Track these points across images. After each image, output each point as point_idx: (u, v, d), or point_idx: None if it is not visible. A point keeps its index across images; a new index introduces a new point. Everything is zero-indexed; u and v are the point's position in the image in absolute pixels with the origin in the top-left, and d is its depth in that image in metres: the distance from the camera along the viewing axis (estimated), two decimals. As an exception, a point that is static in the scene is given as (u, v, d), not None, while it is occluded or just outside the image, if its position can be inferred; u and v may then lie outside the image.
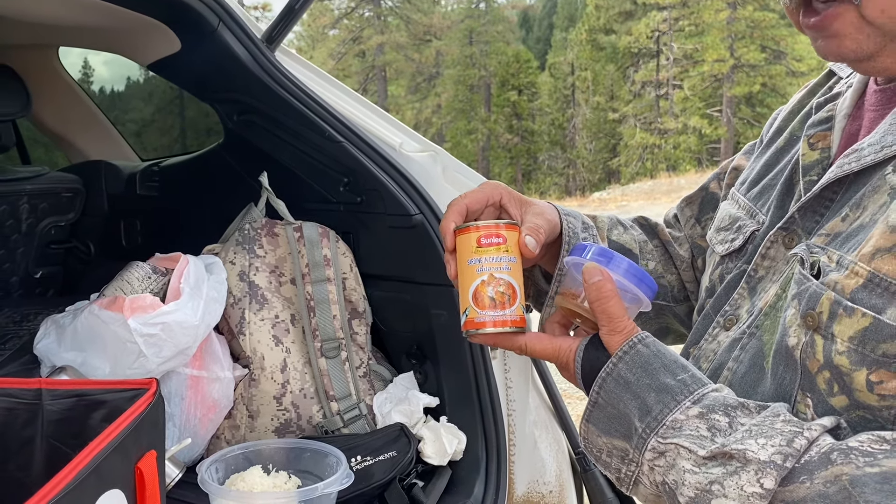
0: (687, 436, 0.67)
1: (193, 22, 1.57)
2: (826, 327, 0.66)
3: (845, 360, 0.64)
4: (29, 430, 0.96)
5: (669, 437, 0.67)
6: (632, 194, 17.81)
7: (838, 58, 0.73)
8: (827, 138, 0.80)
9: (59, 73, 2.38)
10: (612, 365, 0.72)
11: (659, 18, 26.28)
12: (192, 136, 3.53)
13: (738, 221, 0.88)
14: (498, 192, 0.90)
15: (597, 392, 0.73)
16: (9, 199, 1.95)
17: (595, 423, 0.73)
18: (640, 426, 0.69)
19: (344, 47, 29.98)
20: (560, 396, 1.65)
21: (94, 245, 2.22)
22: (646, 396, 0.70)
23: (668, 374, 0.70)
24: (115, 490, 0.79)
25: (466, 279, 0.82)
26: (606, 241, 1.01)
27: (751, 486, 0.62)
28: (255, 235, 1.57)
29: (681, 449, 0.67)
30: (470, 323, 0.81)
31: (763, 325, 0.76)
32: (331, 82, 1.70)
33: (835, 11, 0.69)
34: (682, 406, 0.68)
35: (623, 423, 0.71)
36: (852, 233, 0.68)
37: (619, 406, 0.71)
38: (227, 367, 1.45)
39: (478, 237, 0.82)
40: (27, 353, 1.48)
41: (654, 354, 0.72)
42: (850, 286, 0.65)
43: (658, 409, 0.69)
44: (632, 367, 0.71)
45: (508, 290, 0.80)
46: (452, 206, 0.87)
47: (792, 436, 0.63)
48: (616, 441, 0.72)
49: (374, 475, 1.34)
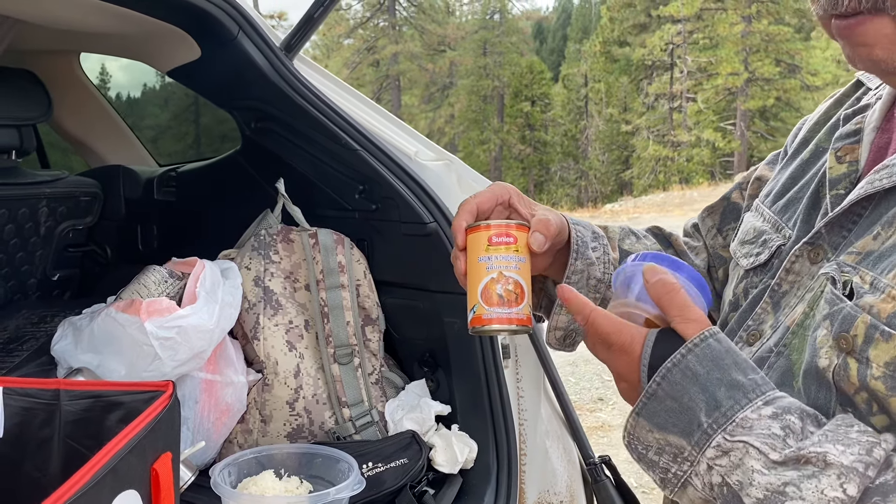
0: (758, 435, 0.63)
1: (214, 30, 1.59)
2: (861, 351, 0.64)
3: (881, 385, 0.63)
4: (46, 430, 0.97)
5: (738, 435, 0.64)
6: (644, 206, 17.75)
7: (868, 67, 0.71)
8: (855, 151, 0.78)
9: (79, 79, 2.41)
10: (681, 356, 0.68)
11: (673, 31, 26.26)
12: (209, 143, 3.55)
13: (763, 235, 0.86)
14: (507, 192, 0.92)
15: (657, 383, 0.68)
16: (28, 202, 1.97)
17: (648, 417, 0.69)
18: (706, 421, 0.65)
19: (358, 56, 30.14)
20: (571, 407, 1.64)
21: (111, 249, 2.24)
22: (715, 391, 0.66)
23: (740, 371, 0.67)
24: (130, 490, 0.80)
25: (476, 276, 0.84)
26: (618, 250, 1.00)
27: (833, 490, 0.59)
28: (271, 241, 1.58)
29: (750, 448, 0.63)
30: (477, 319, 0.83)
31: (791, 344, 0.74)
32: (347, 91, 1.71)
33: (869, 19, 0.67)
34: (754, 404, 0.65)
35: (684, 417, 0.67)
36: (885, 253, 0.67)
37: (683, 399, 0.67)
38: (241, 371, 1.46)
39: (489, 236, 0.84)
40: (44, 354, 1.49)
41: (727, 350, 0.68)
42: (888, 310, 0.63)
43: (728, 405, 0.65)
44: (702, 359, 0.67)
45: (517, 289, 0.82)
46: (464, 206, 0.89)
47: (870, 445, 0.61)
48: (671, 437, 0.67)
49: (385, 482, 1.34)
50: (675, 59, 26.63)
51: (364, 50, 30.23)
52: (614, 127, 29.11)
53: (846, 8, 0.68)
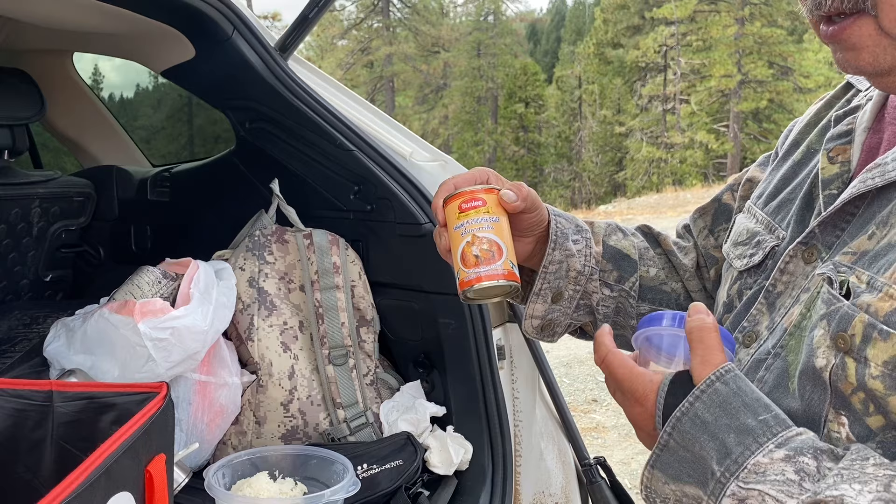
0: (772, 482, 0.62)
1: (208, 30, 1.58)
2: (859, 350, 0.64)
3: (879, 384, 0.63)
4: (39, 431, 0.96)
5: (752, 483, 0.63)
6: (637, 208, 17.78)
7: (857, 70, 0.72)
8: (847, 152, 0.79)
9: (72, 79, 2.40)
10: (689, 404, 0.67)
11: (667, 33, 26.34)
12: (203, 143, 3.54)
13: (756, 236, 0.86)
14: (485, 174, 0.94)
15: (668, 433, 0.68)
16: (21, 202, 1.96)
17: (662, 469, 0.68)
18: (718, 470, 0.65)
19: (352, 57, 30.12)
20: (567, 408, 1.64)
21: (104, 249, 2.23)
22: (725, 437, 0.65)
23: (750, 413, 0.66)
24: (124, 493, 0.79)
25: (455, 245, 0.87)
26: (601, 245, 1.01)
27: None
28: (266, 242, 1.58)
29: (766, 497, 0.62)
30: (462, 284, 0.86)
31: (788, 346, 0.74)
32: (342, 91, 1.71)
33: (852, 22, 0.68)
34: (764, 448, 0.64)
35: (698, 467, 0.66)
36: (881, 252, 0.67)
37: (695, 448, 0.66)
38: (235, 372, 1.45)
39: (458, 203, 0.88)
40: (37, 355, 1.49)
41: (734, 392, 0.67)
42: (885, 309, 0.63)
43: (739, 452, 0.64)
44: (710, 406, 0.66)
45: (493, 248, 0.85)
46: (442, 186, 0.91)
47: (888, 480, 0.59)
48: (688, 488, 0.67)
49: (379, 483, 1.34)
50: (668, 61, 26.70)
51: (358, 51, 30.21)
52: (608, 128, 29.17)
53: (829, 8, 0.69)
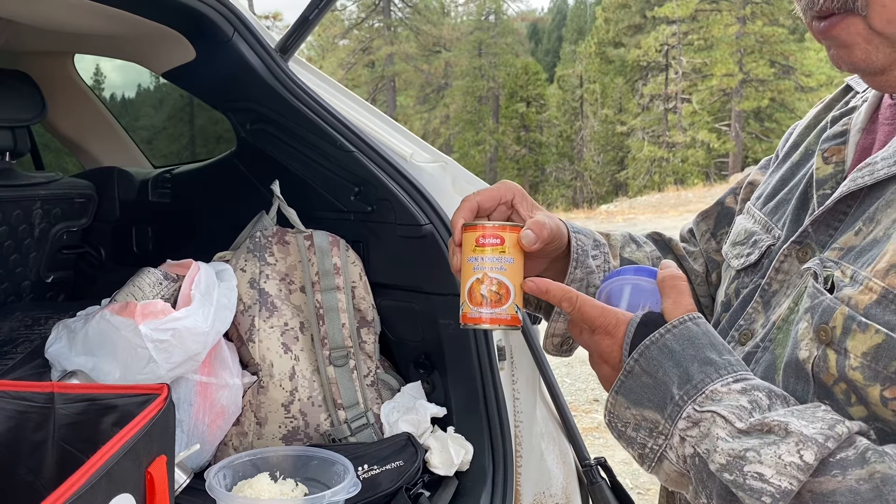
0: (725, 405, 0.66)
1: (209, 31, 1.58)
2: (839, 342, 0.66)
3: (859, 375, 0.65)
4: (40, 433, 0.97)
5: (707, 406, 0.66)
6: (639, 207, 17.78)
7: (851, 67, 0.73)
8: (841, 152, 0.80)
9: (74, 80, 2.40)
10: (660, 335, 0.71)
11: (668, 32, 26.32)
12: (204, 144, 3.55)
13: (753, 236, 0.88)
14: (511, 192, 0.94)
15: (635, 360, 0.71)
16: (22, 203, 1.96)
17: (625, 394, 0.72)
18: (677, 393, 0.68)
19: (354, 57, 30.13)
20: (567, 408, 1.64)
21: (105, 251, 2.23)
22: (689, 366, 0.69)
23: (715, 351, 0.70)
24: (125, 494, 0.79)
25: (465, 276, 0.88)
26: (619, 258, 1.01)
27: (789, 455, 0.61)
28: (266, 243, 1.58)
29: (717, 417, 0.65)
30: (464, 317, 0.88)
31: (776, 339, 0.76)
32: (343, 92, 1.71)
33: (841, 19, 0.69)
34: (724, 379, 0.67)
35: (658, 391, 0.70)
36: (866, 247, 0.69)
37: (658, 374, 0.70)
38: (236, 373, 1.46)
39: (476, 237, 0.87)
40: (38, 357, 1.49)
41: (704, 333, 0.71)
42: (864, 302, 0.65)
43: (699, 378, 0.68)
44: (679, 338, 0.70)
45: (501, 290, 0.86)
46: (465, 202, 0.91)
47: (834, 423, 0.62)
48: (647, 412, 0.70)
49: (380, 484, 1.34)
50: (669, 60, 26.69)
51: (359, 51, 30.22)
52: (609, 128, 29.17)
53: (821, 8, 0.70)
